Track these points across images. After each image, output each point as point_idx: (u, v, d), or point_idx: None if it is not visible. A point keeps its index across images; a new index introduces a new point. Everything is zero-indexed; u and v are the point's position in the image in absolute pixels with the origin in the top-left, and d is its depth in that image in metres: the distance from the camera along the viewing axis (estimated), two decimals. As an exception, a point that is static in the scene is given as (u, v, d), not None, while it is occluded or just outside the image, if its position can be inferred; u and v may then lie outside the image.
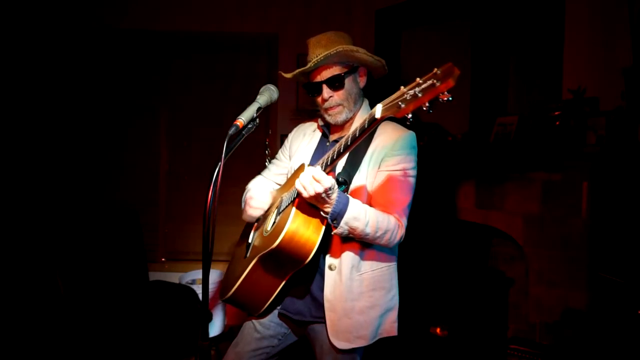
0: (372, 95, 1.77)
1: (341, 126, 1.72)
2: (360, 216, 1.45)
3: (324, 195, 1.38)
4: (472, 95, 3.20)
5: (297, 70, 1.64)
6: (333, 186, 1.40)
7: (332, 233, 1.49)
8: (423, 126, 3.15)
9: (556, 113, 2.55)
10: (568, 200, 2.47)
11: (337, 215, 1.43)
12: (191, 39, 3.88)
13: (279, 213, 1.66)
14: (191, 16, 3.81)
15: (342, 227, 1.44)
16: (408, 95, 1.12)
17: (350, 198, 1.48)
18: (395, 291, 1.70)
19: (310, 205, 1.51)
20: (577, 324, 2.40)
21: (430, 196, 3.01)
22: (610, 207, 2.40)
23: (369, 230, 1.47)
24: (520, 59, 3.10)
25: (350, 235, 1.48)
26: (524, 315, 2.80)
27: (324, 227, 1.51)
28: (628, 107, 2.34)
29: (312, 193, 1.37)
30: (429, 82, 1.08)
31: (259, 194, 1.77)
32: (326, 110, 1.66)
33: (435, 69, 1.07)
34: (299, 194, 1.48)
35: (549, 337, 2.56)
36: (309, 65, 1.59)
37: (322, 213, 1.46)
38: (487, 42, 3.15)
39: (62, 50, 3.76)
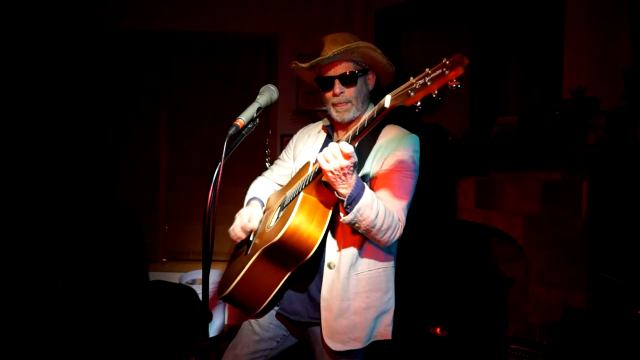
0: (374, 98, 1.78)
1: (346, 126, 1.72)
2: (373, 205, 1.43)
3: (347, 170, 1.36)
4: (472, 95, 3.20)
5: (315, 60, 1.64)
6: (356, 164, 1.39)
7: (341, 220, 1.46)
8: (423, 126, 3.15)
9: (556, 113, 2.55)
10: (568, 200, 2.47)
11: (353, 200, 1.41)
12: (191, 39, 3.88)
13: (282, 209, 1.66)
14: (191, 16, 3.81)
15: (353, 214, 1.41)
16: (417, 85, 1.16)
17: (366, 185, 1.46)
18: (391, 294, 1.70)
19: (315, 201, 1.51)
20: (577, 324, 2.40)
21: (430, 196, 3.00)
22: (610, 207, 2.40)
23: (377, 222, 1.45)
24: (520, 58, 3.10)
25: (356, 225, 1.46)
26: (524, 315, 2.80)
27: (327, 222, 1.51)
28: (628, 107, 2.34)
29: (336, 166, 1.35)
30: (438, 71, 1.11)
31: (245, 212, 1.78)
32: (334, 105, 1.67)
33: (445, 59, 1.11)
34: (310, 184, 1.48)
35: (549, 337, 2.56)
36: (328, 56, 1.59)
37: (336, 194, 1.43)
38: (487, 42, 3.15)
39: (62, 50, 3.77)
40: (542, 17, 2.90)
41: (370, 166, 1.62)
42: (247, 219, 1.76)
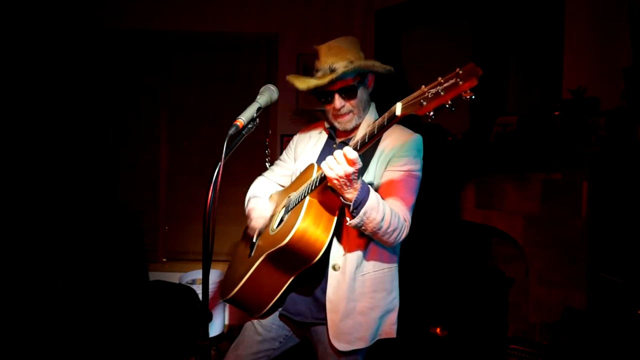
0: (375, 95, 1.77)
1: (349, 131, 1.72)
2: (379, 207, 1.44)
3: (352, 177, 1.36)
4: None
5: (313, 85, 1.61)
6: (360, 169, 1.38)
7: (347, 224, 1.47)
8: (423, 126, 3.14)
9: (556, 113, 2.55)
10: (568, 200, 2.47)
11: (359, 204, 1.40)
12: (191, 39, 3.88)
13: (287, 211, 1.66)
14: (191, 16, 3.81)
15: (360, 217, 1.41)
16: (430, 94, 1.14)
17: (371, 188, 1.46)
18: (395, 293, 1.71)
19: (321, 205, 1.51)
20: (577, 324, 2.40)
21: (430, 196, 3.00)
22: (610, 207, 2.40)
23: (383, 224, 1.45)
24: (520, 58, 3.10)
25: (363, 228, 1.46)
26: (524, 315, 2.80)
27: (333, 227, 1.51)
28: (628, 107, 2.34)
29: (341, 173, 1.34)
30: (452, 81, 1.10)
31: (259, 205, 1.77)
32: (336, 117, 1.67)
33: (458, 69, 1.09)
34: (316, 189, 1.48)
35: (549, 337, 2.56)
36: (327, 80, 1.57)
37: (342, 199, 1.43)
38: (487, 42, 3.15)
39: (62, 50, 3.76)
40: (542, 17, 2.90)
41: (375, 167, 1.62)
42: (260, 211, 1.76)
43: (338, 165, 1.35)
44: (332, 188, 1.44)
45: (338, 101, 1.62)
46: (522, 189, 2.68)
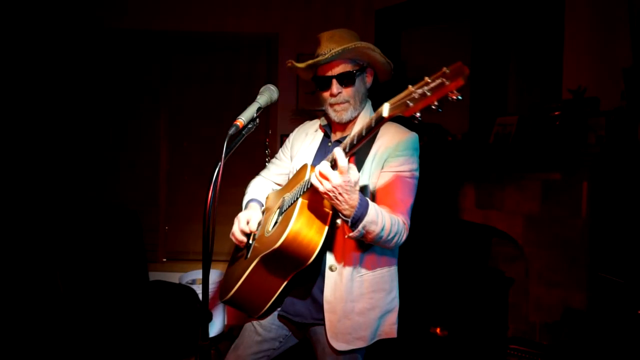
0: (372, 96, 1.77)
1: (344, 125, 1.71)
2: (377, 220, 1.42)
3: (341, 190, 1.34)
4: (472, 95, 3.21)
5: (311, 61, 1.62)
6: (355, 182, 1.36)
7: (347, 236, 1.46)
8: (423, 126, 3.15)
9: (556, 113, 2.55)
10: (568, 200, 2.47)
11: (358, 219, 1.39)
12: (191, 39, 3.88)
13: (281, 213, 1.65)
14: (191, 16, 3.81)
15: (359, 231, 1.41)
16: (416, 94, 1.12)
17: (369, 201, 1.45)
18: (395, 293, 1.70)
19: (314, 206, 1.51)
20: (577, 324, 2.40)
21: (430, 196, 3.00)
22: (610, 207, 2.40)
23: (383, 233, 1.44)
24: (520, 58, 3.10)
25: (362, 239, 1.45)
26: (524, 315, 2.80)
27: (327, 228, 1.50)
28: (628, 107, 2.34)
29: (329, 187, 1.34)
30: (438, 81, 1.07)
31: (243, 217, 1.75)
32: (332, 105, 1.65)
33: (444, 68, 1.07)
34: (308, 191, 1.48)
35: (549, 337, 2.56)
36: (326, 57, 1.57)
37: (342, 216, 1.42)
38: (487, 42, 3.15)
39: (62, 50, 3.77)
40: (542, 17, 2.90)
41: (370, 167, 1.61)
42: (245, 222, 1.74)
43: (325, 180, 1.34)
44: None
45: (335, 87, 1.61)
46: (522, 189, 2.68)
